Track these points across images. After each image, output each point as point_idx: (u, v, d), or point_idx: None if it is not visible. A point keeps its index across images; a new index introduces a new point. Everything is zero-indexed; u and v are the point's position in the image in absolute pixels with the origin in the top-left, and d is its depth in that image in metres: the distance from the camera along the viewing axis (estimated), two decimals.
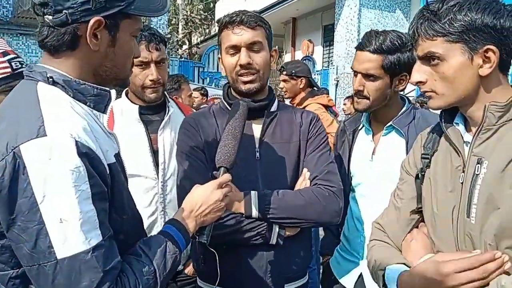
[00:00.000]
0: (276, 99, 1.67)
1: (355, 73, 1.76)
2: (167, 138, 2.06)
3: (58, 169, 0.91)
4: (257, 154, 1.56)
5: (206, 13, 25.15)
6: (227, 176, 1.31)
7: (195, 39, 27.79)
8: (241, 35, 1.50)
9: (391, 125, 1.74)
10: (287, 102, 3.61)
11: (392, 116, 1.76)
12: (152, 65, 1.94)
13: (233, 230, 1.46)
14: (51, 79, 1.04)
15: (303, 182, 1.55)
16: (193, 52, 25.65)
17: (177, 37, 24.42)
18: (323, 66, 14.10)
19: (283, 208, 1.47)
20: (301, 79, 3.62)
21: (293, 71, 3.60)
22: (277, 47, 1.74)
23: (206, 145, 1.56)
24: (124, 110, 2.02)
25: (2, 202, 0.92)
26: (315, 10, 14.86)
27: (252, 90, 1.54)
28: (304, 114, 1.67)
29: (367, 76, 1.70)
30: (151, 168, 1.99)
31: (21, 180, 0.90)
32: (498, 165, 1.09)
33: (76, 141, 0.95)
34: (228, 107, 1.61)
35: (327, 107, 3.67)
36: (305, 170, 1.57)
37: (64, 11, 1.01)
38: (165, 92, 2.16)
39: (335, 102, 9.08)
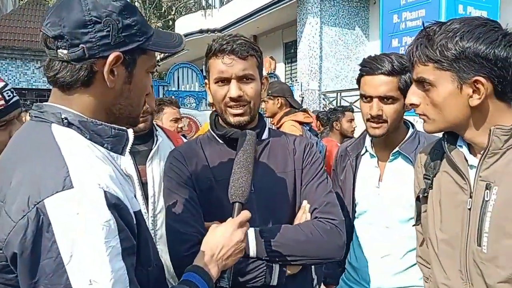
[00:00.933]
0: (267, 126, 1.61)
1: (368, 98, 1.70)
2: (156, 169, 1.95)
3: (88, 224, 0.81)
4: (252, 186, 1.44)
5: (165, 31, 24.94)
6: (246, 214, 1.22)
7: None
8: (231, 66, 1.40)
9: (398, 151, 1.72)
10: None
11: (397, 140, 1.74)
12: None
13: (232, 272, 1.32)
14: (66, 121, 0.95)
15: (303, 215, 1.47)
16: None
17: None
18: (285, 82, 14.24)
19: (283, 245, 1.37)
20: (278, 99, 3.69)
21: (270, 91, 3.66)
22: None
23: (196, 180, 1.46)
24: None
25: (24, 265, 0.81)
26: (276, 28, 15.06)
27: (242, 123, 1.46)
28: (296, 141, 1.60)
29: (385, 99, 1.65)
30: (141, 202, 1.87)
31: (45, 238, 0.80)
32: (509, 191, 1.06)
33: (105, 192, 0.85)
34: (217, 137, 1.53)
35: (304, 124, 3.65)
36: (304, 202, 1.49)
37: (82, 45, 0.92)
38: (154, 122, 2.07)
39: None
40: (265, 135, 1.57)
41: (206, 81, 1.54)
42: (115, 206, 0.86)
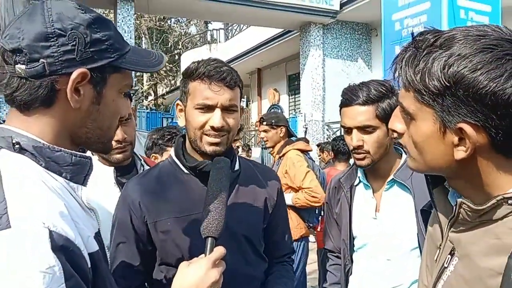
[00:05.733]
0: (237, 156, 1.48)
1: (348, 130, 1.63)
2: None
3: (25, 272, 0.68)
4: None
5: (171, 65, 25.35)
6: (221, 250, 1.07)
7: (160, 90, 27.80)
8: (220, 95, 1.30)
9: (392, 179, 1.62)
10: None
11: (390, 168, 1.64)
12: None
13: None
14: (17, 146, 0.84)
15: None
16: (158, 103, 25.58)
17: (142, 88, 24.35)
18: (289, 114, 14.28)
19: None
20: (281, 128, 3.80)
21: (273, 121, 3.77)
22: (244, 96, 1.59)
23: (153, 223, 1.34)
24: (96, 173, 1.76)
25: None
26: (279, 61, 15.22)
27: (217, 153, 1.34)
28: (269, 182, 1.52)
29: (364, 129, 1.58)
30: None
31: None
32: (467, 272, 0.82)
33: (51, 232, 0.72)
34: (184, 168, 1.39)
35: (305, 152, 3.82)
36: None
37: (42, 60, 0.83)
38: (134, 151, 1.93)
39: None
40: (236, 166, 1.46)
41: (179, 102, 1.41)
42: (63, 248, 0.73)
